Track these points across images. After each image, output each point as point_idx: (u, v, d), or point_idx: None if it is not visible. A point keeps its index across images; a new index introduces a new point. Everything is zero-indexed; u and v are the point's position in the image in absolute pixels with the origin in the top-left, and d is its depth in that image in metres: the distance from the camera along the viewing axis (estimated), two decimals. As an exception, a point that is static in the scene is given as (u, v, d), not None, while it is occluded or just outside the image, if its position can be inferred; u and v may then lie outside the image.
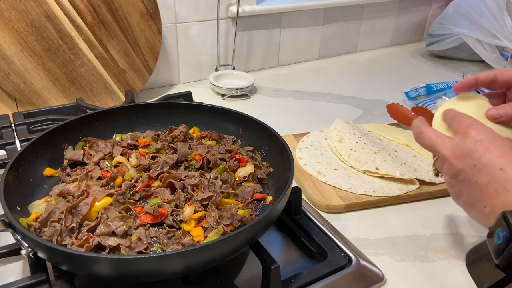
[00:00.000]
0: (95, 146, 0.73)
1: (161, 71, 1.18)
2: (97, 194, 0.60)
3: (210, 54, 1.24)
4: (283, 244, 0.65)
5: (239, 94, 1.15)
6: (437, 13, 1.66)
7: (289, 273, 0.56)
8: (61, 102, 0.99)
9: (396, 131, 0.93)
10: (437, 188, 0.76)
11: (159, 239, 0.56)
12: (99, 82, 1.02)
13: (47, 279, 0.52)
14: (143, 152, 0.73)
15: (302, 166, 0.81)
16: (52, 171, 0.68)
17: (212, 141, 0.77)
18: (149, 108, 0.81)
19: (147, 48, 1.05)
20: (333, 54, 1.53)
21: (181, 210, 0.59)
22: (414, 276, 0.60)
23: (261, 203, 0.64)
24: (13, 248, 0.55)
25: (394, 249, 0.64)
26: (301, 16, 1.36)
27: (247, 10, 1.21)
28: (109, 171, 0.69)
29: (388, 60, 1.54)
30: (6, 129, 0.88)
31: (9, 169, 0.59)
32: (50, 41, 0.93)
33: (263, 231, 0.54)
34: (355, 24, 1.52)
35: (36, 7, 0.89)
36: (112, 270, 0.46)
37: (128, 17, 1.00)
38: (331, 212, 0.71)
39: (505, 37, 1.27)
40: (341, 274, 0.57)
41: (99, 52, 0.99)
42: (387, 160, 0.80)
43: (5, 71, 0.91)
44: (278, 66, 1.41)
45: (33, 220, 0.57)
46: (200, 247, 0.46)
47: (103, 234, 0.54)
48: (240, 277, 0.58)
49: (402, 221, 0.71)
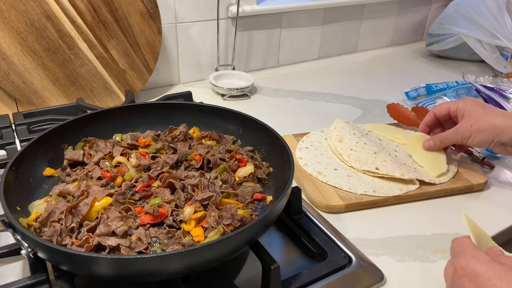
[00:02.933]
0: (95, 146, 0.73)
1: (161, 71, 1.18)
2: (97, 194, 0.60)
3: (210, 54, 1.24)
4: (283, 244, 0.65)
5: (239, 94, 1.15)
6: (437, 13, 1.66)
7: (289, 273, 0.56)
8: (61, 102, 0.99)
9: (396, 131, 0.93)
10: (437, 188, 0.76)
11: (159, 239, 0.56)
12: (99, 82, 1.02)
13: (47, 279, 0.52)
14: (143, 152, 0.73)
15: (302, 166, 0.81)
16: (52, 171, 0.68)
17: (212, 141, 0.77)
18: (149, 108, 0.81)
19: (147, 48, 1.05)
20: (333, 54, 1.53)
21: (181, 210, 0.59)
22: (414, 276, 0.60)
23: (261, 203, 0.64)
24: (13, 248, 0.55)
25: (394, 249, 0.64)
26: (301, 16, 1.36)
27: (247, 10, 1.21)
28: (109, 171, 0.69)
29: (388, 60, 1.54)
30: (6, 129, 0.88)
31: (9, 169, 0.59)
32: (50, 41, 0.93)
33: (263, 231, 0.54)
34: (355, 24, 1.52)
35: (36, 7, 0.89)
36: (112, 270, 0.46)
37: (128, 17, 1.00)
38: (331, 212, 0.71)
39: (505, 37, 1.27)
40: (341, 274, 0.57)
41: (99, 52, 0.99)
42: (387, 160, 0.80)
43: (5, 71, 0.91)
44: (278, 66, 1.41)
45: (33, 220, 0.57)
46: (200, 247, 0.46)
47: (103, 234, 0.54)
48: (240, 277, 0.58)
49: (402, 221, 0.71)
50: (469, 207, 0.75)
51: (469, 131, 0.73)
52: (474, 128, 0.72)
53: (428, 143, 0.81)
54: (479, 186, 0.78)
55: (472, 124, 0.72)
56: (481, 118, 0.72)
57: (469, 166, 0.83)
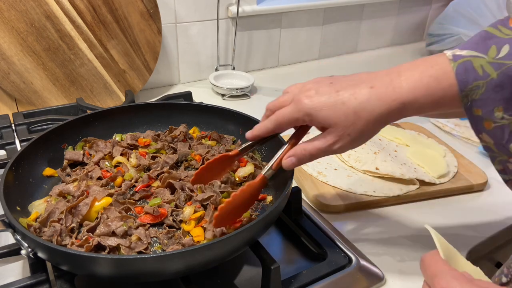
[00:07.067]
0: (95, 146, 0.73)
1: (161, 71, 1.18)
2: (97, 194, 0.60)
3: (210, 54, 1.24)
4: (283, 244, 0.65)
5: (239, 94, 1.15)
6: (437, 13, 1.66)
7: (289, 273, 0.56)
8: (61, 102, 0.98)
9: (396, 131, 0.93)
10: (437, 188, 0.76)
11: (159, 239, 0.56)
12: (99, 82, 1.02)
13: (47, 279, 0.52)
14: (143, 152, 0.73)
15: (302, 166, 0.81)
16: (52, 171, 0.68)
17: (212, 141, 0.77)
18: (149, 108, 0.81)
19: (147, 48, 1.05)
20: (333, 54, 1.53)
21: (180, 210, 0.59)
22: (414, 276, 0.60)
23: (261, 203, 0.64)
24: (13, 248, 0.55)
25: (394, 249, 0.64)
26: (301, 16, 1.36)
27: (247, 10, 1.21)
28: (109, 171, 0.69)
29: (388, 60, 1.54)
30: (6, 129, 0.88)
31: (9, 169, 0.59)
32: (50, 41, 0.93)
33: (263, 231, 0.54)
34: (355, 24, 1.52)
35: (36, 7, 0.89)
36: (112, 270, 0.46)
37: (128, 17, 1.00)
38: (331, 212, 0.71)
39: (505, 37, 1.27)
40: (341, 274, 0.57)
41: (99, 52, 0.99)
42: (387, 160, 0.80)
43: (5, 71, 0.91)
44: (278, 66, 1.41)
45: (33, 220, 0.57)
46: (200, 247, 0.46)
47: (103, 234, 0.54)
48: (240, 277, 0.58)
49: (402, 221, 0.71)
50: (469, 207, 0.75)
51: (348, 144, 0.51)
52: (353, 136, 0.50)
53: (290, 161, 0.54)
54: (479, 186, 0.78)
55: (349, 134, 0.50)
56: (352, 119, 0.48)
57: (469, 166, 0.83)
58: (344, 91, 0.49)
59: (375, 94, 0.47)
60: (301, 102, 0.50)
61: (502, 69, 0.42)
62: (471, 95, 0.44)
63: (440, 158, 0.83)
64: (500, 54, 0.42)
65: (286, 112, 0.52)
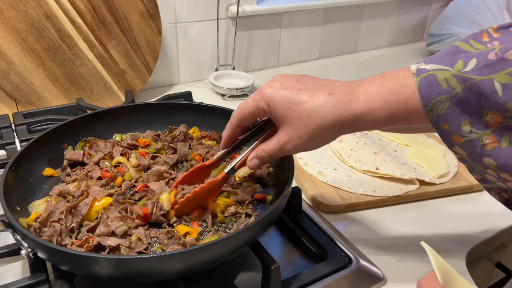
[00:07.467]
0: (95, 146, 0.73)
1: (161, 71, 1.18)
2: (97, 194, 0.60)
3: (210, 54, 1.24)
4: (283, 244, 0.65)
5: (239, 94, 1.15)
6: (437, 13, 1.66)
7: (289, 273, 0.56)
8: (61, 102, 0.98)
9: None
10: (437, 188, 0.76)
11: (159, 239, 0.56)
12: (99, 82, 1.02)
13: (47, 279, 0.52)
14: (143, 152, 0.73)
15: (302, 166, 0.81)
16: (52, 171, 0.68)
17: (212, 141, 0.77)
18: (149, 108, 0.81)
19: (147, 48, 1.05)
20: (333, 54, 1.53)
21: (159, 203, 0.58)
22: (414, 276, 0.60)
23: (261, 203, 0.64)
24: (13, 248, 0.55)
25: (394, 249, 0.64)
26: (301, 16, 1.36)
27: (247, 10, 1.21)
28: (109, 171, 0.69)
29: (388, 60, 1.54)
30: (6, 129, 0.88)
31: (9, 169, 0.59)
32: (50, 41, 0.93)
33: (263, 231, 0.54)
34: (355, 24, 1.52)
35: (36, 7, 0.89)
36: (112, 270, 0.46)
37: (128, 17, 1.00)
38: (331, 212, 0.71)
39: (505, 37, 1.27)
40: (341, 274, 0.57)
41: (99, 52, 0.99)
42: (387, 160, 0.80)
43: (5, 71, 0.91)
44: (278, 66, 1.41)
45: (33, 220, 0.57)
46: (200, 247, 0.46)
47: (103, 234, 0.54)
48: (240, 277, 0.58)
49: (402, 221, 0.71)
50: (469, 207, 0.75)
51: (299, 146, 0.50)
52: (304, 139, 0.49)
53: (253, 162, 0.54)
54: (479, 186, 0.78)
55: (299, 136, 0.49)
56: (304, 122, 0.48)
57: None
58: (305, 92, 0.48)
59: (331, 101, 0.47)
60: (263, 91, 0.50)
61: (467, 84, 0.40)
62: (436, 110, 0.43)
63: (440, 158, 0.83)
64: (466, 68, 0.41)
65: (248, 100, 0.52)
